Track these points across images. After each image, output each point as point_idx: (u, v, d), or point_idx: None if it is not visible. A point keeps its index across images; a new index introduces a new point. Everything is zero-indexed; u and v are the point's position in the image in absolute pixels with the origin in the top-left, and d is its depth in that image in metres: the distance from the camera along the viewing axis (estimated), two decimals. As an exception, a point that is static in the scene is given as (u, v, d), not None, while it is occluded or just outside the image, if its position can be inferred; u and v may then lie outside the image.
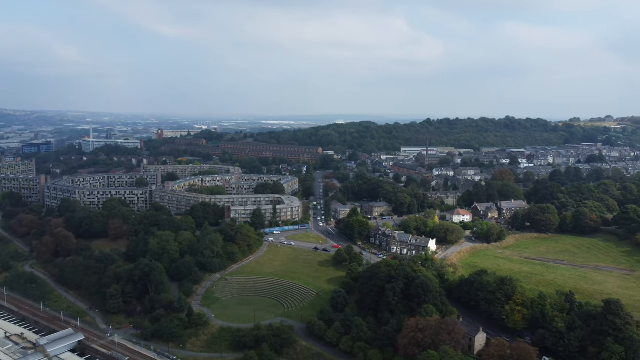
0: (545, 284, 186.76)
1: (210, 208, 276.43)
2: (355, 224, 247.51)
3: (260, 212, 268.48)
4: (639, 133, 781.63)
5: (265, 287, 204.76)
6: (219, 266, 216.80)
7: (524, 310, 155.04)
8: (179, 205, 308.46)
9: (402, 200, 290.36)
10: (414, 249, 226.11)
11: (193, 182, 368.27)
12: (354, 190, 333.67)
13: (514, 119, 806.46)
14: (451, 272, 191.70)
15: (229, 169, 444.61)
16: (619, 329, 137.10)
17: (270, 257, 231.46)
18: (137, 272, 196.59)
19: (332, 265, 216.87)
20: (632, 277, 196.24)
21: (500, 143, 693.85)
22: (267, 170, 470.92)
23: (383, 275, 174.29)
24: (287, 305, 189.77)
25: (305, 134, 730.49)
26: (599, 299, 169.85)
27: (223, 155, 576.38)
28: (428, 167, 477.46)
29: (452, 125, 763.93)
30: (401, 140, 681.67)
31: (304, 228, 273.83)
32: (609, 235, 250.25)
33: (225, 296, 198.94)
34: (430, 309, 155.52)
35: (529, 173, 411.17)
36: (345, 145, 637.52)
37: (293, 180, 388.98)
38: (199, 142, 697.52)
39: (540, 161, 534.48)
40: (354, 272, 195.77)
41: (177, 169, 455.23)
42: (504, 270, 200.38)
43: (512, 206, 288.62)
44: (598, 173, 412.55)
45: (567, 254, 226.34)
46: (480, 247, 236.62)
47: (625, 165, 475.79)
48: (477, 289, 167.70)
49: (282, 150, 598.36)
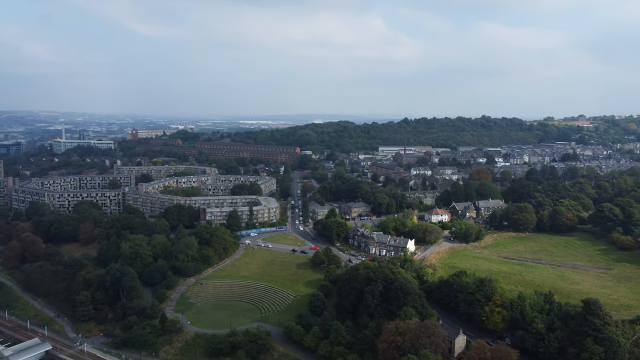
0: (524, 284, 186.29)
1: (185, 210, 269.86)
2: (334, 225, 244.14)
3: (236, 213, 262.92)
4: (611, 132, 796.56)
5: (242, 291, 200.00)
6: (193, 270, 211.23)
7: (503, 311, 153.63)
8: (152, 207, 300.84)
9: (380, 200, 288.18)
10: (392, 250, 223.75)
11: (168, 184, 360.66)
12: (332, 190, 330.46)
13: (490, 118, 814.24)
14: (430, 273, 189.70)
15: (205, 170, 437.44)
16: (598, 329, 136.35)
17: (246, 260, 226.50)
18: (108, 277, 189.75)
19: (310, 268, 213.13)
20: (609, 275, 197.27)
21: (477, 142, 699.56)
22: (244, 171, 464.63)
23: (362, 277, 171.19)
24: (264, 310, 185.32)
25: (282, 133, 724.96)
26: (577, 299, 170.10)
27: (199, 156, 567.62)
28: (406, 167, 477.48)
29: (429, 125, 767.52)
30: (379, 140, 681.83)
31: (281, 230, 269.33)
32: (585, 233, 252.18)
33: (200, 301, 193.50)
34: (409, 312, 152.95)
35: (505, 172, 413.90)
36: (323, 145, 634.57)
37: (270, 180, 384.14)
38: (174, 143, 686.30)
39: (516, 160, 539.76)
40: (332, 275, 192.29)
41: (152, 170, 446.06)
42: (483, 270, 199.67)
43: (489, 205, 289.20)
44: (573, 171, 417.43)
45: (545, 253, 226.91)
46: (458, 247, 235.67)
47: (598, 163, 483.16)
48: (457, 290, 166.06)
49: (260, 151, 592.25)
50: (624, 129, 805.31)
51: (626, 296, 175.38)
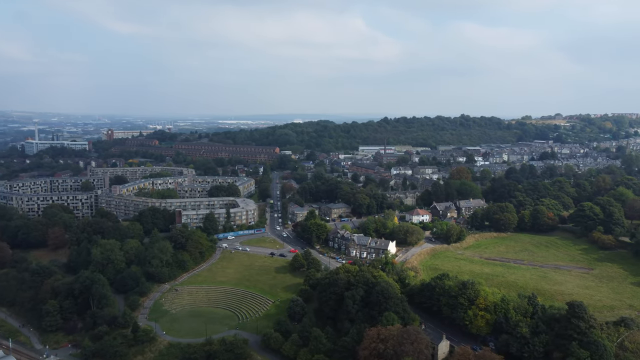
0: (507, 286, 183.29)
1: (160, 213, 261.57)
2: (313, 227, 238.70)
3: (213, 216, 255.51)
4: (587, 130, 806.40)
5: (218, 297, 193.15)
6: (168, 276, 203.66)
7: (487, 315, 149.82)
8: (126, 210, 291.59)
9: (360, 201, 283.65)
10: (373, 252, 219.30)
11: (143, 185, 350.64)
12: (311, 191, 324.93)
13: (469, 117, 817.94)
14: (412, 276, 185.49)
15: (182, 171, 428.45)
16: (584, 333, 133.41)
17: (223, 264, 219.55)
18: (77, 285, 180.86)
19: (289, 272, 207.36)
20: (591, 275, 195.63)
21: (456, 141, 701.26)
22: (222, 172, 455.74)
23: (342, 282, 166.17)
24: (242, 316, 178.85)
25: (262, 133, 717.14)
26: (560, 300, 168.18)
27: (176, 157, 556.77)
28: (386, 166, 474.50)
29: (409, 124, 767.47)
30: (359, 140, 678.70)
31: (259, 232, 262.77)
32: (566, 233, 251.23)
33: (174, 308, 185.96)
34: (391, 317, 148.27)
35: (485, 171, 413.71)
36: (303, 145, 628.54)
37: (249, 181, 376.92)
38: (151, 143, 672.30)
39: (496, 159, 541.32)
40: (311, 279, 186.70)
41: (127, 171, 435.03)
42: (465, 272, 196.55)
43: (470, 205, 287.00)
44: (551, 170, 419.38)
45: (527, 253, 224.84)
46: (440, 248, 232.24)
47: (576, 162, 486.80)
48: (439, 293, 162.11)
49: (238, 151, 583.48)
50: (599, 128, 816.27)
51: (609, 297, 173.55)
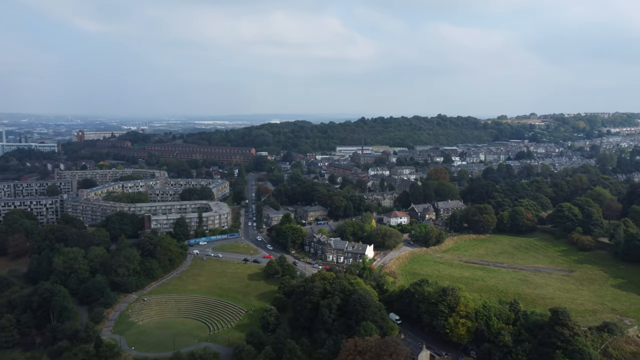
0: (487, 290, 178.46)
1: (128, 218, 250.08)
2: (288, 232, 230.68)
3: (184, 221, 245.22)
4: (561, 130, 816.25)
5: (189, 306, 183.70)
6: (135, 285, 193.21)
7: (468, 322, 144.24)
8: (94, 215, 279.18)
9: (337, 203, 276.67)
10: (350, 257, 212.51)
11: (112, 189, 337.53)
12: (287, 193, 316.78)
13: (445, 117, 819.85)
14: (391, 282, 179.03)
15: (154, 173, 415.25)
16: (568, 341, 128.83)
17: (194, 271, 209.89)
18: (35, 297, 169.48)
19: (263, 279, 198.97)
20: (571, 278, 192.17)
21: (434, 141, 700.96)
22: (196, 174, 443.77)
23: (318, 290, 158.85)
24: (213, 327, 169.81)
25: (237, 134, 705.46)
26: (542, 305, 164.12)
27: (149, 158, 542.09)
28: (364, 167, 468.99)
29: (386, 124, 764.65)
30: (336, 140, 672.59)
31: (233, 237, 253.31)
32: (545, 234, 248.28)
33: (142, 320, 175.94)
34: (369, 327, 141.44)
35: (463, 171, 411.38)
36: (279, 146, 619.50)
37: (223, 183, 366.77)
38: (123, 144, 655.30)
39: (473, 158, 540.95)
40: (286, 286, 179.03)
41: (97, 174, 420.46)
42: (445, 276, 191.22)
43: (449, 206, 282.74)
44: (528, 170, 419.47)
45: (506, 256, 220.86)
46: (419, 252, 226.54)
47: (552, 161, 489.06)
48: (419, 300, 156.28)
49: (213, 152, 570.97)
50: (573, 127, 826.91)
51: (590, 300, 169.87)
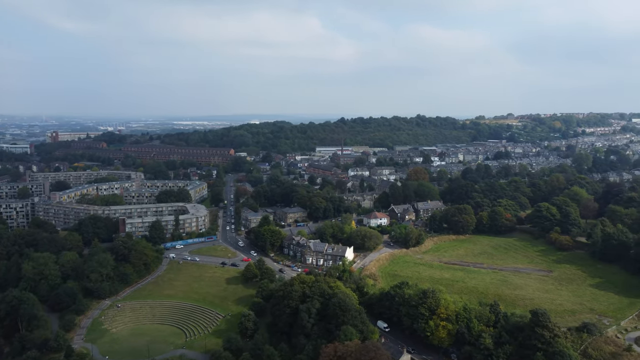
0: (468, 292, 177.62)
1: (102, 221, 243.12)
2: (267, 234, 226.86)
3: (159, 224, 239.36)
4: (538, 130, 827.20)
5: (165, 312, 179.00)
6: (109, 291, 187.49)
7: (448, 325, 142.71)
8: (66, 219, 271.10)
9: (317, 204, 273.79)
10: (330, 259, 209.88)
11: (87, 191, 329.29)
12: (266, 195, 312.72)
13: (424, 117, 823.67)
14: (371, 285, 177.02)
15: (130, 175, 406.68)
16: (548, 343, 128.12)
17: (170, 276, 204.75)
18: (2, 305, 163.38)
19: (241, 283, 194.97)
20: (550, 278, 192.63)
21: (413, 141, 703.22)
22: (174, 175, 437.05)
23: (297, 294, 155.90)
24: (190, 333, 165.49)
25: (216, 135, 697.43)
26: (522, 306, 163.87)
27: (125, 160, 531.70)
28: (343, 168, 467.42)
29: (365, 124, 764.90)
30: (316, 140, 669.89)
31: (210, 240, 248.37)
32: (524, 234, 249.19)
33: (115, 327, 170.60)
34: (349, 332, 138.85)
35: (442, 171, 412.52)
36: (258, 146, 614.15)
37: (201, 185, 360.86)
38: (99, 145, 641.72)
39: (452, 159, 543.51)
40: (265, 290, 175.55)
41: (71, 176, 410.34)
42: (425, 278, 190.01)
43: (428, 207, 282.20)
44: (506, 169, 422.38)
45: (486, 256, 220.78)
46: (399, 253, 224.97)
47: (529, 161, 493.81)
48: (399, 303, 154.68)
49: (191, 153, 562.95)
50: (549, 127, 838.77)
51: (569, 300, 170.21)
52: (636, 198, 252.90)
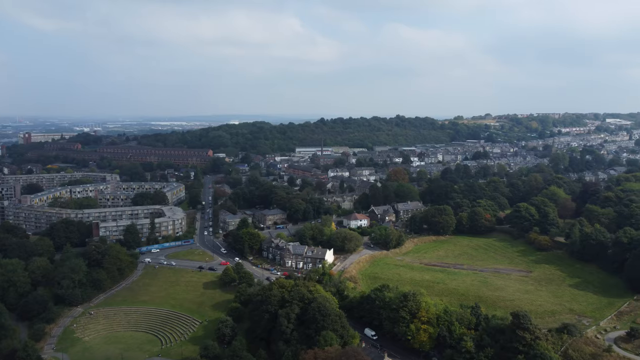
0: (448, 293, 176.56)
1: (75, 225, 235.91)
2: (246, 237, 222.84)
3: (134, 227, 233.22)
4: (515, 130, 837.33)
5: (140, 319, 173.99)
6: (81, 298, 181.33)
7: (429, 328, 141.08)
8: (38, 223, 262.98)
9: (296, 206, 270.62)
10: (310, 262, 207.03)
11: (59, 194, 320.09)
12: (245, 196, 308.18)
13: (404, 118, 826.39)
14: (351, 288, 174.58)
15: (106, 177, 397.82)
16: (530, 345, 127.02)
17: (146, 281, 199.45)
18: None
19: (219, 287, 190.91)
20: (530, 278, 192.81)
21: (392, 142, 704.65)
22: (150, 177, 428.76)
23: (275, 299, 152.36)
24: (166, 340, 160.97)
25: (194, 135, 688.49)
26: (502, 307, 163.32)
27: (101, 161, 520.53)
28: (323, 168, 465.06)
29: (345, 125, 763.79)
30: (296, 141, 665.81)
31: (188, 243, 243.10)
32: (503, 234, 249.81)
33: (88, 335, 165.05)
34: (329, 337, 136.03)
35: (421, 172, 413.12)
36: (237, 147, 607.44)
37: (179, 187, 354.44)
38: (73, 147, 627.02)
39: (431, 159, 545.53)
40: (243, 295, 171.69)
41: (43, 178, 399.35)
42: (406, 280, 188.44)
43: (408, 208, 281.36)
44: (485, 170, 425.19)
45: (466, 257, 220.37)
46: (379, 255, 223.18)
47: (507, 161, 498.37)
48: (380, 306, 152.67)
49: (169, 154, 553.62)
50: (526, 127, 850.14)
51: (549, 301, 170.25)
52: (612, 198, 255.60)
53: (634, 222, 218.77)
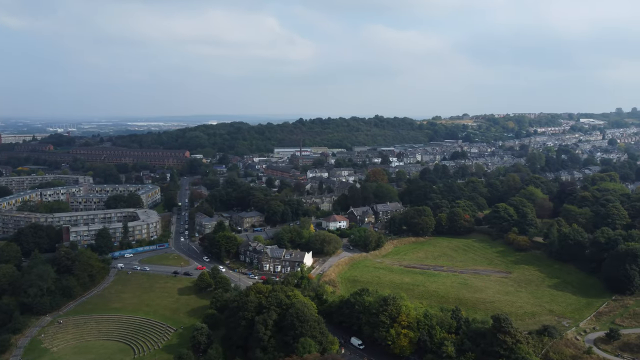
0: (428, 296, 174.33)
1: (44, 230, 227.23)
2: (222, 241, 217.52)
3: (107, 232, 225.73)
4: (492, 130, 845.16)
5: (111, 327, 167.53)
6: (49, 306, 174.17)
7: (410, 332, 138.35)
8: (5, 228, 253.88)
9: (274, 208, 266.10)
10: (288, 265, 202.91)
11: (29, 198, 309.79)
12: (222, 198, 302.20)
13: (383, 118, 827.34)
14: (330, 292, 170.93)
15: (78, 179, 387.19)
16: (511, 349, 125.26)
17: (118, 287, 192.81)
18: None
19: (194, 293, 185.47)
20: (509, 279, 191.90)
21: (371, 142, 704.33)
22: (125, 179, 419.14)
23: (252, 305, 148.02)
24: (139, 350, 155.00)
25: (171, 136, 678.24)
26: (482, 309, 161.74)
27: (74, 163, 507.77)
28: (302, 169, 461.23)
29: (324, 125, 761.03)
30: (274, 141, 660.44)
31: (162, 248, 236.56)
32: (482, 234, 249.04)
33: (56, 345, 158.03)
34: (308, 344, 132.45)
35: (400, 172, 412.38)
36: (215, 148, 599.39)
37: (154, 189, 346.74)
38: (45, 148, 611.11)
39: (410, 159, 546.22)
40: (219, 301, 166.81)
41: (12, 181, 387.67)
42: (385, 283, 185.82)
43: (388, 209, 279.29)
44: (463, 170, 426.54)
45: (446, 258, 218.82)
46: (358, 257, 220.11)
47: (485, 160, 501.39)
48: (359, 311, 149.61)
49: (145, 155, 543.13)
50: (503, 127, 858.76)
51: (529, 302, 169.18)
52: (589, 197, 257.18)
53: (610, 221, 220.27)
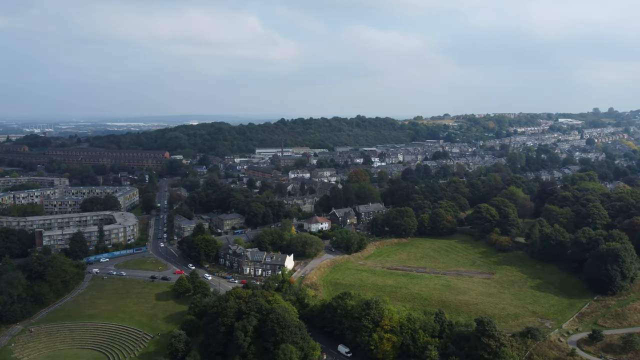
0: (411, 299, 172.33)
1: (15, 235, 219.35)
2: (201, 244, 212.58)
3: (81, 236, 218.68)
4: (473, 130, 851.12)
5: (86, 335, 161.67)
6: (20, 314, 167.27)
7: (393, 337, 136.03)
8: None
9: (255, 210, 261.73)
10: (269, 269, 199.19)
11: (1, 201, 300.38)
12: (202, 200, 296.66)
13: (364, 118, 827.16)
14: (312, 296, 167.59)
15: (54, 181, 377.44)
16: (495, 352, 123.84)
17: (93, 293, 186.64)
18: None
19: (172, 298, 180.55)
20: (492, 280, 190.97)
21: (353, 142, 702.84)
22: (103, 180, 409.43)
23: (232, 310, 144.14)
24: (114, 358, 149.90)
25: (150, 137, 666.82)
26: (466, 311, 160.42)
27: (50, 164, 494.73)
28: (284, 170, 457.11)
29: (306, 125, 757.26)
30: (255, 142, 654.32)
31: (140, 251, 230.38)
32: (464, 235, 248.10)
33: (27, 354, 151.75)
34: (289, 350, 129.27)
35: (382, 172, 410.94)
36: (195, 149, 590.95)
37: (132, 191, 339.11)
38: (20, 149, 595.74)
39: (392, 159, 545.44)
40: (197, 307, 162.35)
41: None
42: (368, 285, 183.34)
43: (370, 210, 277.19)
44: (445, 170, 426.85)
45: (428, 260, 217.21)
46: (340, 260, 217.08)
47: (466, 160, 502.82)
48: (341, 315, 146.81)
49: (123, 156, 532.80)
50: (483, 127, 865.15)
51: (512, 303, 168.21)
52: (570, 197, 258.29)
53: (591, 221, 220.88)
